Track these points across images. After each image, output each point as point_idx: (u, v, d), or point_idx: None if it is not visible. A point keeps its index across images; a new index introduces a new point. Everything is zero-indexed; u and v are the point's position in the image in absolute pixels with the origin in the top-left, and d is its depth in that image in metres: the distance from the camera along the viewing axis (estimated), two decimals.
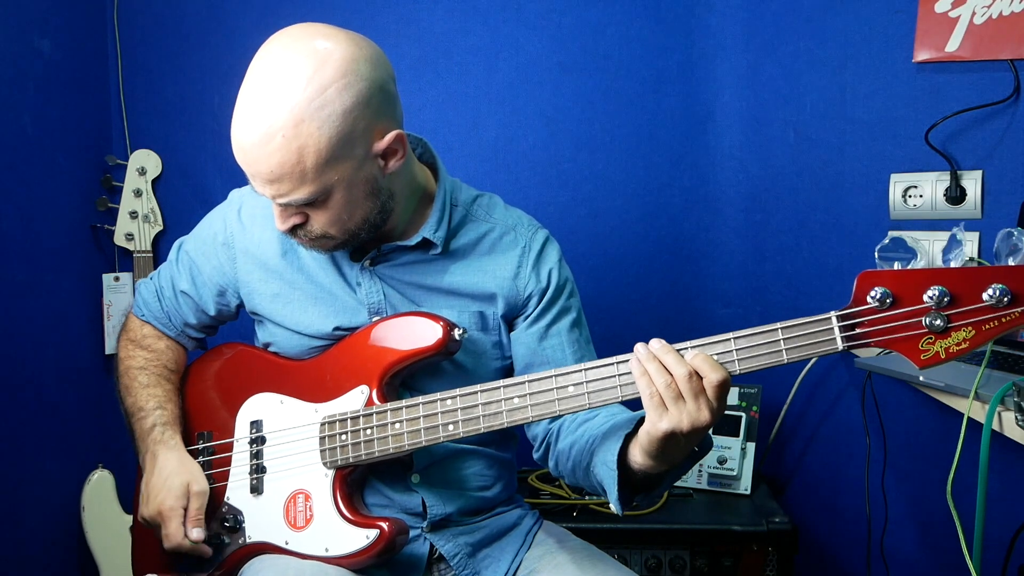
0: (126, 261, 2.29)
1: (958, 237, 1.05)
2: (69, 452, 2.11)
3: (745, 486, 2.05)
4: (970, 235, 1.87)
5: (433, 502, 1.39)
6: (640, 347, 1.12)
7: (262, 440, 1.41)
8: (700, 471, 2.08)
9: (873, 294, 1.05)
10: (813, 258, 2.16)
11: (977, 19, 1.83)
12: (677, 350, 1.10)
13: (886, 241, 1.10)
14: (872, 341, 1.06)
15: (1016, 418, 1.30)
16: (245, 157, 1.22)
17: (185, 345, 1.56)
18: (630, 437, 1.17)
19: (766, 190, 2.23)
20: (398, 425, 1.29)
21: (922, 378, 1.57)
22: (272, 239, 1.44)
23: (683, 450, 1.13)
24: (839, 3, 2.05)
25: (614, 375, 1.16)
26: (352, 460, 1.32)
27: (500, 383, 1.24)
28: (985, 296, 1.00)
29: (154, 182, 2.29)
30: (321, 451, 1.35)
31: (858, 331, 1.06)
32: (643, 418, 1.13)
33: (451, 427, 1.26)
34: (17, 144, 1.97)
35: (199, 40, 2.31)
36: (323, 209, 1.26)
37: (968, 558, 1.39)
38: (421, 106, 2.28)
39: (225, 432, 1.45)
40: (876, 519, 2.10)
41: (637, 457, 1.15)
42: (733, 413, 2.08)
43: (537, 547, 1.45)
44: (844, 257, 2.10)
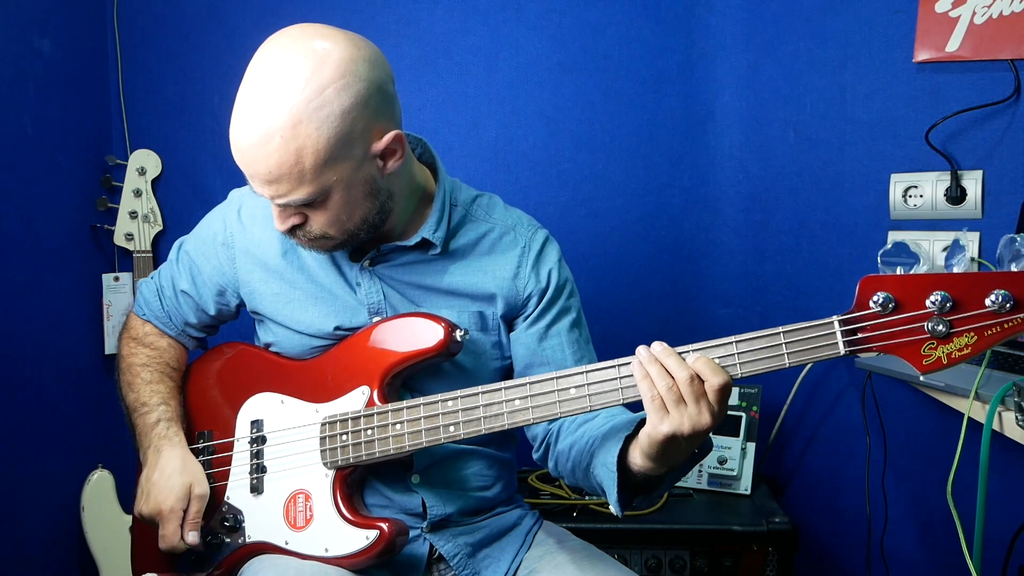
0: (126, 261, 2.29)
1: (961, 243, 1.04)
2: (69, 452, 2.11)
3: (745, 486, 2.05)
4: (970, 235, 1.86)
5: (433, 502, 1.39)
6: (642, 350, 1.12)
7: (262, 440, 1.41)
8: (700, 471, 2.08)
9: (875, 299, 1.05)
10: (813, 258, 2.16)
11: (977, 19, 1.83)
12: (679, 353, 1.11)
13: (888, 246, 1.10)
14: (874, 346, 1.06)
15: (1016, 418, 1.30)
16: (243, 158, 1.22)
17: (186, 344, 1.56)
18: (630, 439, 1.17)
19: (766, 190, 2.23)
20: (399, 426, 1.29)
21: (922, 378, 1.56)
22: (272, 239, 1.44)
23: (683, 453, 1.13)
24: (839, 3, 2.05)
25: (615, 377, 1.16)
26: (352, 460, 1.32)
27: (501, 385, 1.24)
28: (988, 302, 1.01)
29: (154, 182, 2.29)
30: (321, 451, 1.35)
31: (860, 336, 1.06)
32: (643, 420, 1.13)
33: (452, 428, 1.26)
34: (17, 144, 1.97)
35: (199, 40, 2.30)
36: (322, 209, 1.26)
37: (968, 558, 1.39)
38: (421, 106, 2.27)
39: (226, 431, 1.45)
40: (876, 519, 2.10)
41: (637, 459, 1.16)
42: (733, 413, 2.08)
43: (537, 547, 1.45)
44: (844, 257, 2.10)
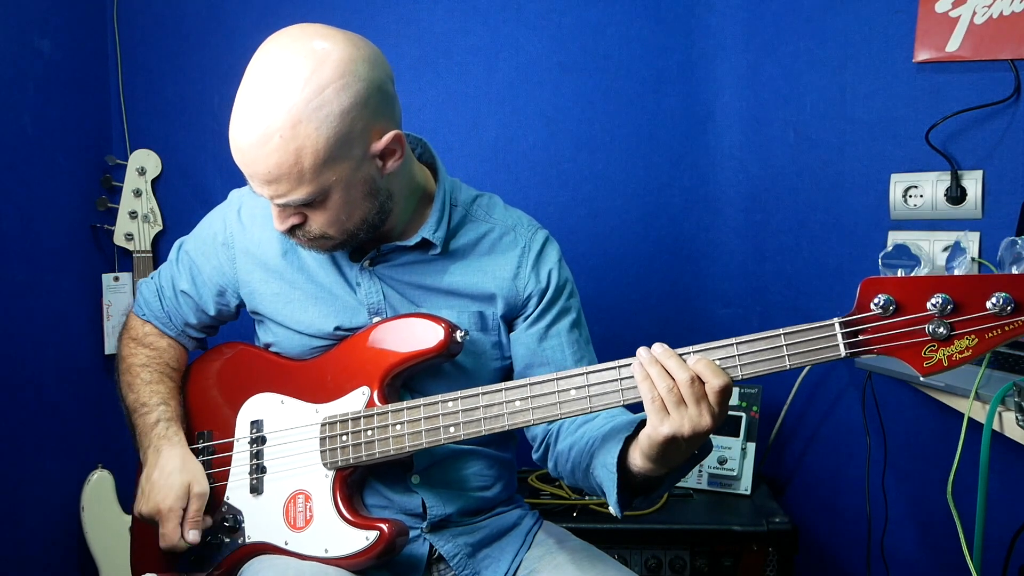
0: (126, 261, 2.29)
1: (962, 245, 1.04)
2: (69, 452, 2.11)
3: (745, 486, 2.05)
4: (971, 236, 1.86)
5: (433, 503, 1.39)
6: (642, 351, 1.12)
7: (262, 440, 1.41)
8: (700, 471, 2.08)
9: (877, 301, 1.05)
10: (813, 258, 2.16)
11: (977, 19, 1.82)
12: (679, 355, 1.11)
13: (889, 248, 1.10)
14: (875, 348, 1.06)
15: (1016, 418, 1.30)
16: (243, 158, 1.22)
17: (186, 345, 1.56)
18: (630, 440, 1.17)
19: (766, 190, 2.23)
20: (399, 427, 1.29)
21: (923, 379, 1.56)
22: (272, 239, 1.44)
23: (683, 454, 1.13)
24: (839, 3, 2.05)
25: (616, 379, 1.16)
26: (352, 461, 1.32)
27: (502, 386, 1.24)
28: (989, 304, 1.01)
29: (154, 182, 2.29)
30: (321, 452, 1.35)
31: (861, 338, 1.07)
32: (643, 421, 1.13)
33: (452, 429, 1.26)
34: (17, 144, 1.97)
35: (199, 40, 2.30)
36: (321, 209, 1.26)
37: (968, 558, 1.39)
38: (421, 106, 2.27)
39: (225, 431, 1.45)
40: (876, 519, 2.10)
41: (637, 460, 1.16)
42: (733, 413, 2.08)
43: (537, 547, 1.45)
44: (844, 257, 2.09)
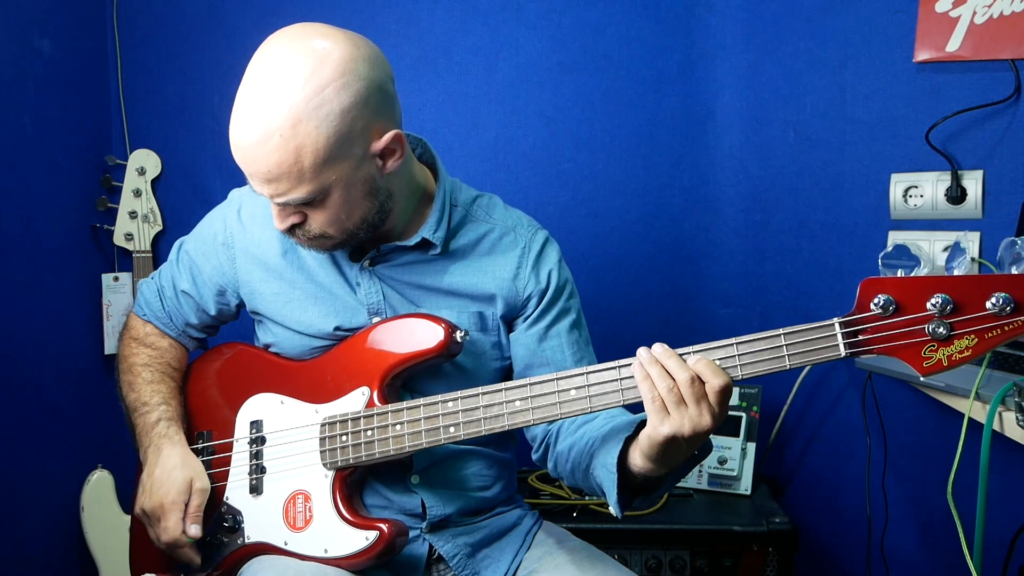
0: (126, 261, 2.29)
1: (962, 245, 1.04)
2: (69, 452, 2.11)
3: (745, 486, 2.05)
4: (971, 236, 1.86)
5: (432, 503, 1.39)
6: (643, 351, 1.12)
7: (262, 440, 1.41)
8: (700, 471, 2.08)
9: (876, 301, 1.05)
10: (813, 258, 2.15)
11: (978, 19, 1.82)
12: (679, 354, 1.11)
13: (889, 248, 1.10)
14: (875, 348, 1.06)
15: (1017, 418, 1.30)
16: (243, 156, 1.22)
17: (186, 345, 1.56)
18: (630, 440, 1.17)
19: (766, 190, 2.23)
20: (399, 427, 1.29)
21: (922, 378, 1.56)
22: (272, 239, 1.44)
23: (683, 454, 1.13)
24: (839, 3, 2.05)
25: (616, 379, 1.16)
26: (352, 461, 1.32)
27: (501, 386, 1.24)
28: (988, 305, 1.01)
29: (154, 182, 2.29)
30: (321, 452, 1.35)
31: (861, 338, 1.07)
32: (643, 421, 1.13)
33: (452, 429, 1.26)
34: (17, 144, 1.97)
35: (199, 40, 2.30)
36: (321, 208, 1.26)
37: (968, 558, 1.39)
38: (421, 106, 2.27)
39: (225, 432, 1.45)
40: (876, 519, 2.10)
41: (637, 460, 1.15)
42: (733, 413, 2.08)
43: (537, 547, 1.45)
44: (844, 257, 2.09)
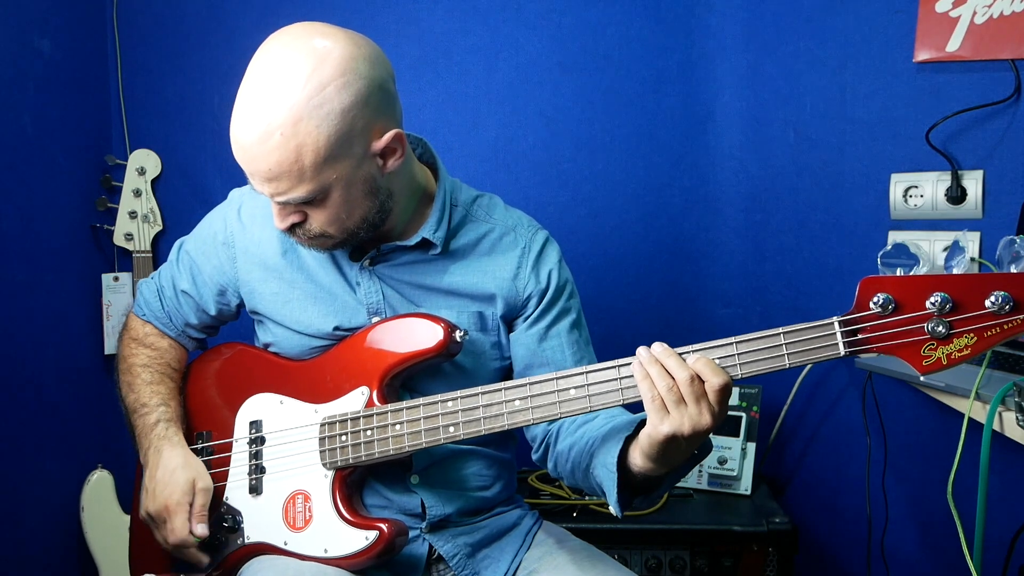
0: (125, 261, 2.29)
1: (961, 244, 1.05)
2: (69, 452, 2.11)
3: (745, 486, 2.05)
4: (971, 235, 1.86)
5: (432, 503, 1.39)
6: (642, 350, 1.12)
7: (261, 440, 1.41)
8: (700, 471, 2.08)
9: (876, 300, 1.05)
10: (813, 258, 2.15)
11: (978, 19, 1.82)
12: (679, 354, 1.11)
13: (888, 247, 1.10)
14: (874, 347, 1.06)
15: (1017, 418, 1.30)
16: (244, 155, 1.22)
17: (186, 345, 1.56)
18: (630, 439, 1.17)
19: (766, 190, 2.23)
20: (398, 426, 1.29)
21: (923, 378, 1.56)
22: (272, 238, 1.44)
23: (683, 453, 1.13)
24: (839, 3, 2.05)
25: (615, 378, 1.16)
26: (352, 461, 1.32)
27: (501, 385, 1.24)
28: (987, 303, 1.01)
29: (154, 182, 2.29)
30: (321, 452, 1.35)
31: (860, 337, 1.07)
32: (643, 421, 1.13)
33: (452, 429, 1.26)
34: (17, 144, 1.97)
35: (199, 40, 2.30)
36: (321, 208, 1.25)
37: (968, 558, 1.39)
38: (421, 106, 2.27)
39: (224, 432, 1.45)
40: (876, 519, 2.10)
41: (637, 460, 1.15)
42: (733, 413, 2.08)
43: (537, 547, 1.45)
44: (844, 257, 2.09)
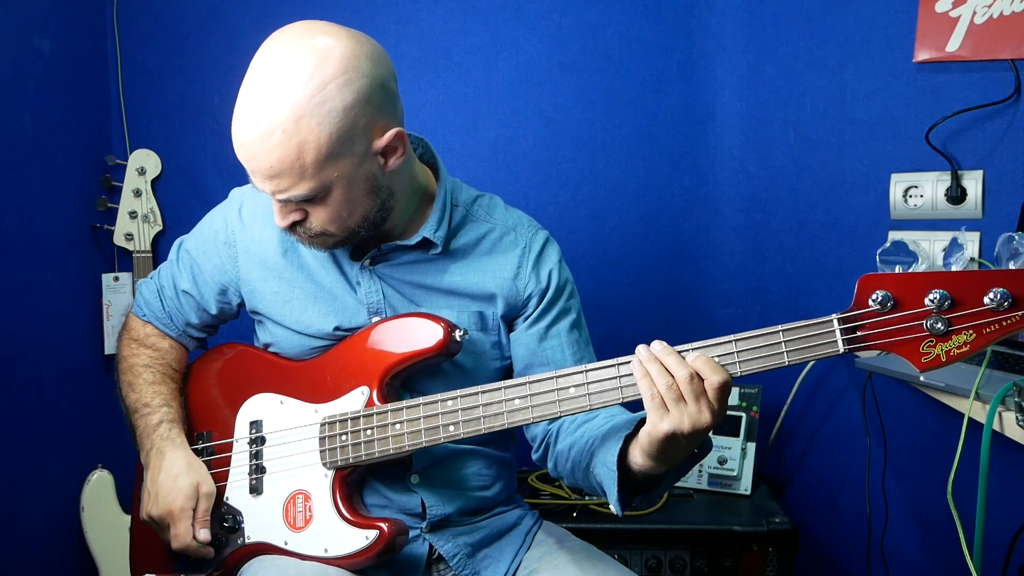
0: (126, 261, 2.29)
1: (960, 241, 1.05)
2: (69, 452, 2.11)
3: (745, 486, 2.05)
4: (971, 235, 1.86)
5: (432, 502, 1.39)
6: (641, 349, 1.12)
7: (262, 440, 1.41)
8: (700, 471, 2.08)
9: (875, 297, 1.05)
10: (813, 258, 2.16)
11: (978, 19, 1.82)
12: (678, 352, 1.11)
13: (887, 244, 1.10)
14: (873, 344, 1.06)
15: (1017, 418, 1.30)
16: (245, 152, 1.22)
17: (186, 345, 1.56)
18: (630, 438, 1.17)
19: (766, 190, 2.23)
20: (398, 426, 1.29)
21: (922, 378, 1.57)
22: (272, 237, 1.44)
23: (683, 451, 1.13)
24: (839, 3, 2.05)
25: (615, 376, 1.16)
26: (352, 461, 1.32)
27: (501, 384, 1.24)
28: (986, 300, 1.01)
29: (154, 182, 2.29)
30: (321, 451, 1.35)
31: (859, 334, 1.07)
32: (643, 419, 1.13)
33: (452, 428, 1.26)
34: (17, 144, 1.97)
35: (199, 40, 2.30)
36: (322, 206, 1.26)
37: (968, 558, 1.39)
38: (421, 106, 2.27)
39: (225, 432, 1.45)
40: (876, 519, 2.10)
41: (637, 458, 1.15)
42: (733, 413, 2.08)
43: (537, 547, 1.45)
44: (844, 257, 2.09)
